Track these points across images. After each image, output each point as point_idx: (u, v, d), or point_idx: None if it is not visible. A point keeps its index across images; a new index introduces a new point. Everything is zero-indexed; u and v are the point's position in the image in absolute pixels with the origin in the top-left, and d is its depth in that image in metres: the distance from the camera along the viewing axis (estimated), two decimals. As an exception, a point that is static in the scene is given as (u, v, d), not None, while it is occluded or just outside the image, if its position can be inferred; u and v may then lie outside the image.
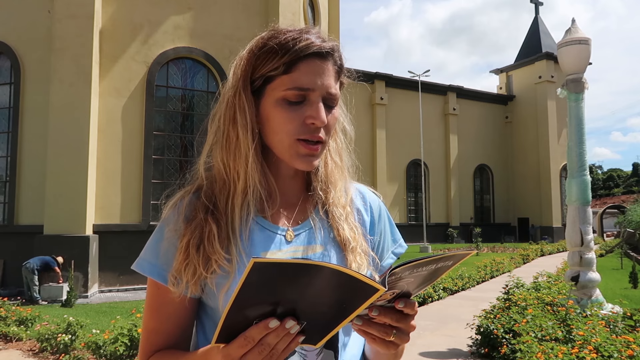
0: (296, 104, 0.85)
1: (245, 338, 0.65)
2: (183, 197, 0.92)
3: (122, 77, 11.67)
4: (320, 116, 0.84)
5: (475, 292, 11.23)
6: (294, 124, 0.85)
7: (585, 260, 6.28)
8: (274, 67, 0.85)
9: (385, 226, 1.04)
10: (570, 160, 6.57)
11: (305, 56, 0.85)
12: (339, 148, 0.98)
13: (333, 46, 0.89)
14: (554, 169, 35.60)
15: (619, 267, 15.59)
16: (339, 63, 0.91)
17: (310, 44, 0.85)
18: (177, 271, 0.84)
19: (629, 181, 70.83)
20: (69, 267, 10.05)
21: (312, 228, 0.93)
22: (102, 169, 11.31)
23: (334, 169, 0.97)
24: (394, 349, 0.75)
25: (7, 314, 7.03)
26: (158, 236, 0.90)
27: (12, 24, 11.77)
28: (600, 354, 4.11)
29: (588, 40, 6.50)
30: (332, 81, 0.88)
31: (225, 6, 12.52)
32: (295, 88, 0.84)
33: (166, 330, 0.89)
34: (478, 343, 5.79)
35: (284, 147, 0.87)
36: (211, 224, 0.86)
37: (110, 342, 5.36)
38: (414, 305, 0.72)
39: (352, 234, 0.93)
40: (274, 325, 0.64)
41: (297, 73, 0.85)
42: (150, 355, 0.89)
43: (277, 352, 0.66)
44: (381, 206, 1.05)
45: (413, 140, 33.00)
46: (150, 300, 0.90)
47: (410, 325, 0.73)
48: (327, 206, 0.95)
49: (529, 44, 39.34)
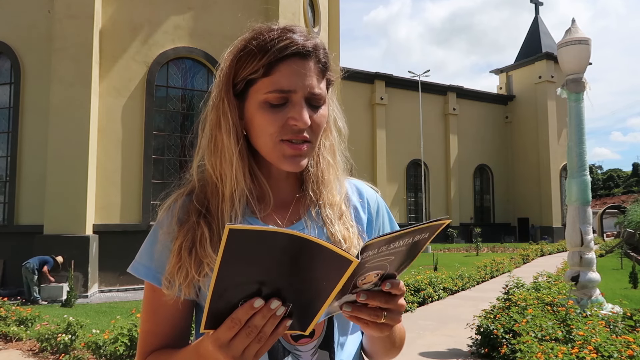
0: (278, 106, 0.84)
1: (232, 320, 0.65)
2: (176, 199, 0.92)
3: (122, 77, 11.67)
4: (302, 118, 0.83)
5: (475, 292, 11.23)
6: (276, 126, 0.84)
7: (585, 260, 6.28)
8: (254, 69, 0.84)
9: (384, 222, 1.02)
10: (570, 160, 6.57)
11: (285, 57, 0.83)
12: (332, 146, 0.96)
13: (315, 44, 0.86)
14: (554, 169, 35.62)
15: (619, 267, 15.59)
16: (323, 61, 0.88)
17: (289, 44, 0.83)
18: (170, 274, 0.85)
19: (629, 181, 70.83)
20: (69, 267, 10.05)
21: (306, 228, 0.92)
22: (102, 169, 11.31)
23: (327, 168, 0.95)
24: (387, 330, 0.76)
25: (7, 314, 7.04)
26: (152, 239, 0.91)
27: (12, 24, 11.77)
28: (600, 354, 4.11)
29: (588, 40, 6.50)
30: (314, 81, 0.85)
31: (225, 6, 12.53)
32: (276, 91, 0.83)
33: (162, 332, 0.89)
34: (478, 343, 5.79)
35: (269, 149, 0.86)
36: (203, 227, 0.86)
37: (110, 342, 5.36)
38: (399, 284, 0.72)
39: (347, 234, 0.92)
40: (259, 305, 0.64)
41: (277, 75, 0.83)
42: (147, 355, 0.90)
43: (265, 335, 0.66)
44: (379, 201, 1.03)
45: (413, 140, 33.01)
46: (146, 302, 0.91)
47: (399, 304, 0.74)
48: (321, 206, 0.94)
49: (529, 44, 39.36)
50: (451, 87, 36.51)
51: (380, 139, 32.48)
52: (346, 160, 1.01)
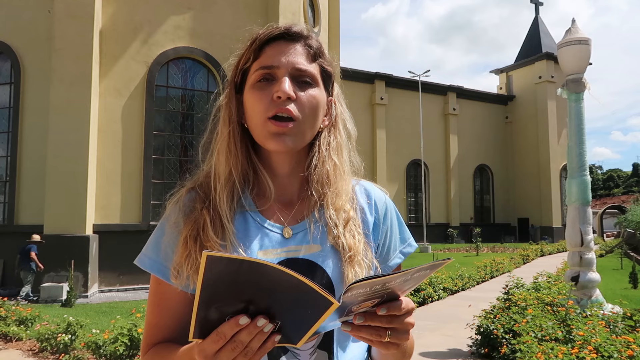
0: (266, 83, 0.88)
1: (218, 334, 0.64)
2: (183, 193, 0.95)
3: (122, 77, 11.67)
4: (282, 87, 0.85)
5: (475, 292, 11.23)
6: (263, 103, 0.87)
7: (585, 261, 6.28)
8: (247, 58, 0.91)
9: (392, 224, 1.00)
10: (570, 160, 6.57)
11: (271, 39, 0.90)
12: (339, 147, 0.96)
13: (302, 30, 0.92)
14: (554, 169, 35.61)
15: (619, 267, 15.59)
16: (314, 47, 0.92)
17: (276, 29, 0.90)
18: (178, 264, 0.86)
19: (629, 181, 70.84)
20: (69, 267, 10.05)
21: (308, 229, 0.92)
22: (102, 169, 11.31)
23: (333, 169, 0.94)
24: (394, 348, 0.73)
25: (7, 314, 7.04)
26: (160, 232, 0.92)
27: (12, 24, 11.78)
28: (600, 354, 4.11)
29: (588, 40, 6.50)
30: (299, 59, 0.89)
31: (225, 6, 12.53)
32: (260, 68, 0.88)
33: (166, 325, 0.91)
34: (478, 343, 5.79)
35: (258, 128, 0.89)
36: (205, 215, 0.88)
37: (110, 342, 5.36)
38: (399, 305, 0.70)
39: (352, 242, 0.90)
40: (244, 323, 0.63)
41: (264, 56, 0.89)
42: (150, 348, 0.92)
43: (251, 351, 0.65)
44: (387, 203, 1.01)
45: (413, 140, 33.01)
46: (151, 295, 0.93)
47: (406, 323, 0.72)
48: (326, 207, 0.93)
49: (529, 44, 39.37)
50: (451, 87, 36.50)
51: (380, 139, 32.48)
52: (356, 163, 1.00)
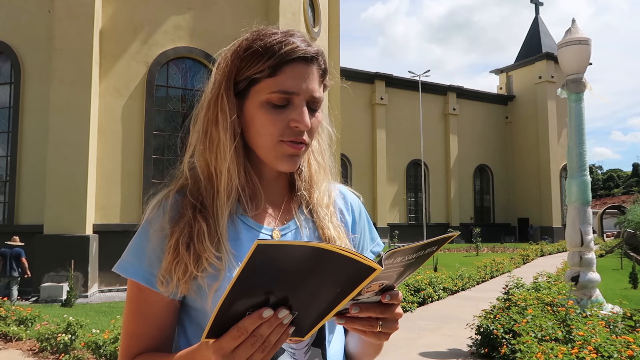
0: (280, 107, 0.86)
1: (239, 329, 0.64)
2: (167, 196, 0.91)
3: (122, 77, 11.67)
4: (304, 120, 0.85)
5: (475, 292, 11.23)
6: (278, 127, 0.86)
7: (585, 261, 6.28)
8: (259, 69, 0.86)
9: (364, 225, 1.07)
10: (570, 161, 6.57)
11: (290, 60, 0.86)
12: (321, 149, 1.00)
13: (317, 50, 0.90)
14: (554, 169, 35.61)
15: (619, 267, 15.59)
16: (323, 67, 0.91)
17: (296, 48, 0.86)
18: (167, 270, 0.83)
19: (629, 181, 70.80)
20: (69, 267, 10.05)
21: (298, 227, 0.94)
22: (102, 169, 11.31)
23: (318, 169, 0.99)
24: (385, 338, 0.77)
25: (7, 314, 7.04)
26: (142, 237, 0.88)
27: (12, 24, 11.78)
28: (600, 354, 4.11)
29: (588, 40, 6.50)
30: (316, 85, 0.88)
31: (225, 6, 12.54)
32: (280, 91, 0.85)
33: (148, 334, 0.87)
34: (478, 343, 5.79)
35: (268, 148, 0.88)
36: (200, 222, 0.85)
37: (110, 342, 5.37)
38: (398, 295, 0.73)
39: (336, 233, 0.95)
40: (268, 315, 0.63)
41: (282, 76, 0.85)
42: (131, 359, 0.87)
43: (269, 344, 0.66)
44: (361, 206, 1.08)
45: (413, 140, 33.01)
46: (131, 303, 0.88)
47: (396, 313, 0.75)
48: (312, 206, 0.96)
49: (529, 44, 39.36)
50: (451, 87, 36.50)
51: (380, 139, 32.47)
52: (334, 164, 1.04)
